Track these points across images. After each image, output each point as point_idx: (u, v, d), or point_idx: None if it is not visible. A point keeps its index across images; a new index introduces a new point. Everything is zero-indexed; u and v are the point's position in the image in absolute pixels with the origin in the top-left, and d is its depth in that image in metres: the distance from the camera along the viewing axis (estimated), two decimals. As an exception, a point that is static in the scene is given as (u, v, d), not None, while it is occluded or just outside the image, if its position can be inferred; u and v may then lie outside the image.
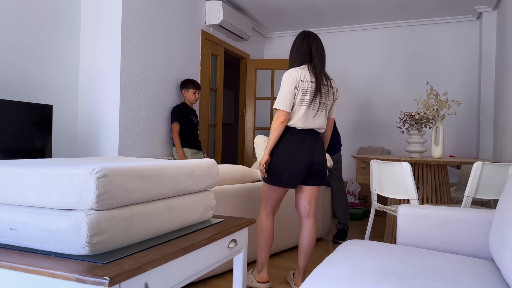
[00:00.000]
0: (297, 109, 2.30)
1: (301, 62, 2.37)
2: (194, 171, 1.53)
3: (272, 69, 5.88)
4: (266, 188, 2.43)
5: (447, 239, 1.77)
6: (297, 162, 2.31)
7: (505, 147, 4.15)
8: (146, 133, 3.72)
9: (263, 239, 2.44)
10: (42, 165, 1.23)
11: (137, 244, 1.26)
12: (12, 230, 1.16)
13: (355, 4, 5.00)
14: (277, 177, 2.34)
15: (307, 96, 2.29)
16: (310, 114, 2.32)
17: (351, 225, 4.50)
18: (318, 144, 2.38)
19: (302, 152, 2.32)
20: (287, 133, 2.33)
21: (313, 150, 2.35)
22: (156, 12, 3.82)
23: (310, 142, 2.34)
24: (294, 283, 2.51)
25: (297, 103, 2.30)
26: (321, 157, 2.39)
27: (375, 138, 5.81)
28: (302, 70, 2.32)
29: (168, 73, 4.03)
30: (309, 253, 2.45)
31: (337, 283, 1.25)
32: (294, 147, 2.31)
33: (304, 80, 2.29)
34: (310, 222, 2.46)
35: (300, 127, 2.32)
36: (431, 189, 3.16)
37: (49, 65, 3.20)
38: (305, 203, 2.46)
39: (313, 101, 2.31)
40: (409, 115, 3.32)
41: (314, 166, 2.37)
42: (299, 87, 2.28)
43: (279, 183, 2.35)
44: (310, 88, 2.30)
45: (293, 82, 2.27)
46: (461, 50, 5.39)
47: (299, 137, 2.32)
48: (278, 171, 2.33)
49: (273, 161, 2.35)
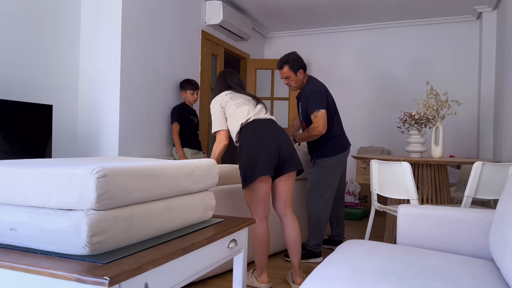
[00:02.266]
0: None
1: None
2: (194, 171, 1.53)
3: (272, 69, 5.88)
4: (247, 193, 2.41)
5: (447, 239, 1.77)
6: (264, 146, 2.36)
7: (505, 147, 4.15)
8: (146, 133, 3.72)
9: (259, 245, 2.44)
10: (42, 165, 1.23)
11: (137, 244, 1.26)
12: (12, 230, 1.16)
13: (355, 4, 5.00)
14: (251, 172, 2.33)
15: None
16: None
17: (351, 225, 4.50)
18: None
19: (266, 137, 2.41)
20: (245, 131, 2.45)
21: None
22: (156, 12, 3.82)
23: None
24: (293, 281, 2.53)
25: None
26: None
27: (375, 138, 5.81)
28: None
29: (168, 73, 4.03)
30: (298, 248, 2.50)
31: (337, 283, 1.25)
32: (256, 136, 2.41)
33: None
34: (289, 219, 2.50)
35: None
36: (431, 189, 3.16)
37: (49, 65, 3.20)
38: (280, 203, 2.50)
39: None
40: (409, 115, 3.32)
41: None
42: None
43: (254, 176, 2.32)
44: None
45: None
46: (461, 50, 5.39)
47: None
48: (250, 165, 2.33)
49: (242, 160, 2.38)
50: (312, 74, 6.18)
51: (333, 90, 6.04)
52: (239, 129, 2.46)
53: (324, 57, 6.10)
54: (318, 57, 6.13)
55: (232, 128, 2.50)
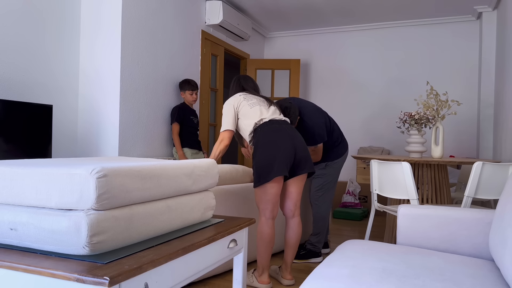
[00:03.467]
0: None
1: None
2: (194, 171, 1.53)
3: (272, 69, 5.88)
4: (258, 192, 2.41)
5: (447, 239, 1.77)
6: (281, 146, 2.35)
7: (505, 147, 4.15)
8: (146, 133, 3.72)
9: (263, 245, 2.44)
10: (42, 165, 1.23)
11: (137, 244, 1.26)
12: (12, 230, 1.16)
13: (355, 4, 5.00)
14: (267, 172, 2.32)
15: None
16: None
17: (351, 225, 4.50)
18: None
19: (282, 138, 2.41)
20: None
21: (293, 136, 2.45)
22: (156, 12, 3.82)
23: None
24: (282, 276, 2.57)
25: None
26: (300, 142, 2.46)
27: (375, 138, 5.81)
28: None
29: (168, 73, 4.03)
30: (296, 248, 2.56)
31: (337, 283, 1.25)
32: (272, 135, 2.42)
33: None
34: (295, 222, 2.53)
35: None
36: (431, 189, 3.16)
37: (49, 65, 3.20)
38: (290, 205, 2.51)
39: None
40: (409, 115, 3.32)
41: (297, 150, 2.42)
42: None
43: (269, 176, 2.31)
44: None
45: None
46: (461, 50, 5.39)
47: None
48: (266, 165, 2.32)
49: (257, 159, 2.36)
50: (312, 74, 6.18)
51: (333, 89, 6.04)
52: (253, 128, 2.45)
53: (324, 57, 6.10)
54: (318, 57, 6.13)
55: (246, 127, 2.49)
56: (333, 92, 6.04)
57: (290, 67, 5.77)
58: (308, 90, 6.21)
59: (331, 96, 6.06)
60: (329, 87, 6.06)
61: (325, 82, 6.09)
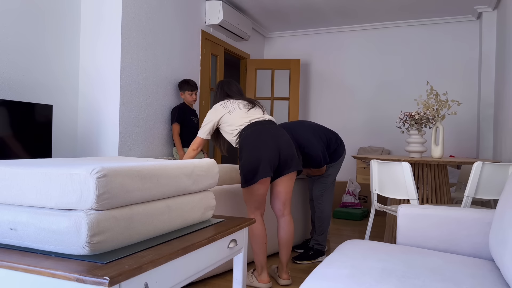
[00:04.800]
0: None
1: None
2: (194, 171, 1.53)
3: (272, 69, 5.88)
4: (245, 192, 2.43)
5: (447, 239, 1.77)
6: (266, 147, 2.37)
7: (505, 147, 4.15)
8: (146, 133, 3.72)
9: (257, 243, 2.45)
10: (42, 165, 1.23)
11: (137, 244, 1.26)
12: (12, 230, 1.17)
13: (355, 4, 5.00)
14: (252, 174, 2.34)
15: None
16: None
17: (351, 225, 4.50)
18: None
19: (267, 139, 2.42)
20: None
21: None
22: (156, 12, 3.82)
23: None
24: (279, 276, 2.58)
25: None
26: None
27: (375, 138, 5.81)
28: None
29: (168, 73, 4.03)
30: (289, 247, 2.57)
31: (337, 283, 1.25)
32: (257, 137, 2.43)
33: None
34: (285, 221, 2.54)
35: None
36: (431, 189, 3.16)
37: (49, 65, 3.20)
38: (279, 204, 2.53)
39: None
40: (409, 115, 3.32)
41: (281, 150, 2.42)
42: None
43: (254, 178, 2.33)
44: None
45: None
46: (461, 50, 5.39)
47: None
48: (251, 167, 2.34)
49: (242, 162, 2.38)
50: (312, 74, 6.18)
51: (333, 89, 6.04)
52: (237, 132, 2.47)
53: (324, 57, 6.10)
54: (318, 57, 6.13)
55: (229, 132, 2.51)
56: (333, 92, 6.04)
57: (290, 67, 5.77)
58: (308, 90, 6.21)
59: (331, 96, 6.06)
60: (329, 87, 6.06)
61: (325, 82, 6.09)
